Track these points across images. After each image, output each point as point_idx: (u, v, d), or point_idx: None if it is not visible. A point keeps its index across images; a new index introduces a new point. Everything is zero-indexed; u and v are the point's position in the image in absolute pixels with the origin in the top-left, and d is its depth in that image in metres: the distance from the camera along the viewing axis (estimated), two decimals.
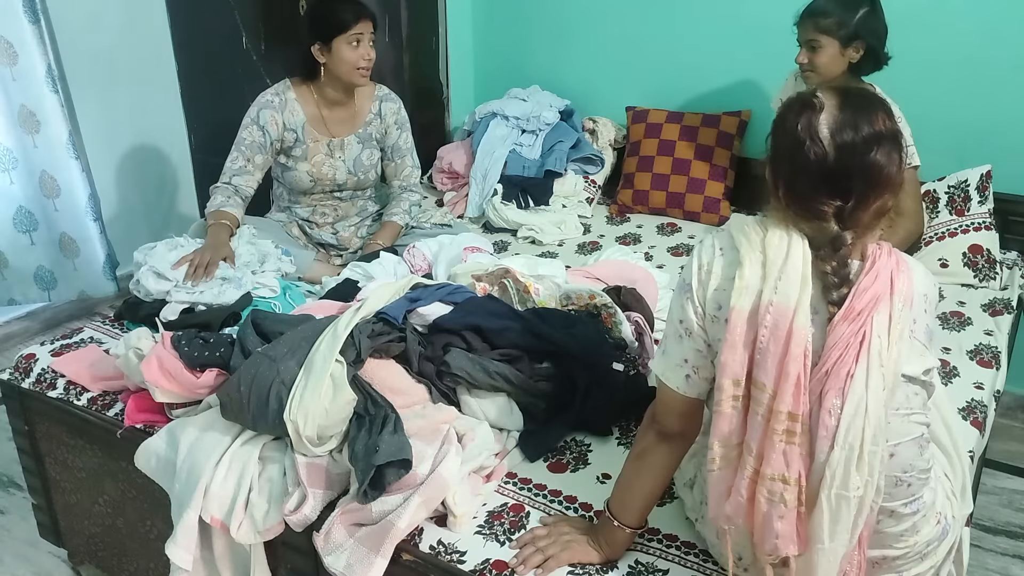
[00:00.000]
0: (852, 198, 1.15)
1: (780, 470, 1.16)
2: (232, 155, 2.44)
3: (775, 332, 1.15)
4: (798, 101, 1.19)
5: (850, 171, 1.14)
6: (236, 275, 2.11)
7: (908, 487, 1.26)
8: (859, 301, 1.15)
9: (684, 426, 1.34)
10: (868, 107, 1.17)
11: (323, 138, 2.48)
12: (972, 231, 2.47)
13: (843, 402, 1.14)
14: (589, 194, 3.07)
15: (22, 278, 3.17)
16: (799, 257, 1.17)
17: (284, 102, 2.44)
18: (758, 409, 1.18)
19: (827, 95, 1.17)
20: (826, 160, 1.14)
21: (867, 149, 1.14)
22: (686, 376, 1.29)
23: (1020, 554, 2.28)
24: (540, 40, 3.37)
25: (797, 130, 1.16)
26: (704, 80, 3.08)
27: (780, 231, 1.20)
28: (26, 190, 3.06)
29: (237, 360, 1.66)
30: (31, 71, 2.87)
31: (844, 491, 1.15)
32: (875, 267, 1.17)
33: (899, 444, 1.22)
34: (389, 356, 1.71)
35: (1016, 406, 2.81)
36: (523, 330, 1.75)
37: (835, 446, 1.14)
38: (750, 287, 1.18)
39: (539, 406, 1.71)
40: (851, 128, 1.14)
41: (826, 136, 1.14)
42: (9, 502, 2.46)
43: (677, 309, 1.29)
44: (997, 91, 2.61)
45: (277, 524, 1.51)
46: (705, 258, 1.26)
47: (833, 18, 2.26)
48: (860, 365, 1.14)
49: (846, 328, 1.14)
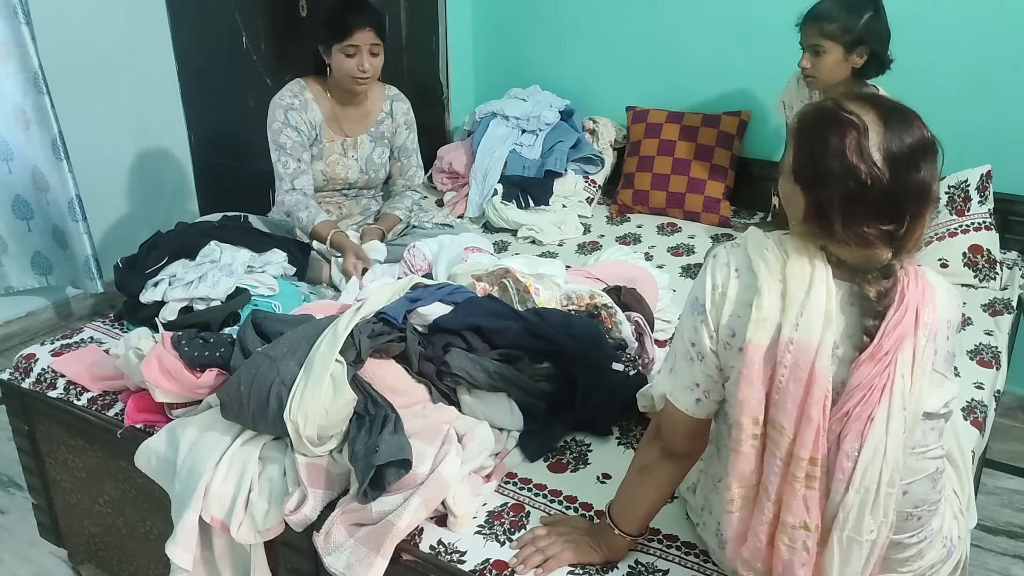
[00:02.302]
0: (906, 220, 1.08)
1: (802, 517, 1.12)
2: (282, 160, 2.42)
3: (795, 372, 1.09)
4: (835, 121, 1.09)
5: (904, 192, 1.07)
6: (226, 261, 2.11)
7: (918, 520, 1.23)
8: (887, 340, 1.09)
9: (691, 446, 1.30)
10: (908, 118, 1.10)
11: (338, 138, 2.49)
12: (972, 231, 2.47)
13: (862, 444, 1.09)
14: (589, 194, 3.07)
15: (20, 263, 3.24)
16: (823, 291, 1.11)
17: (304, 102, 2.44)
18: (776, 451, 1.13)
19: (862, 110, 1.09)
20: (881, 181, 1.06)
21: (917, 166, 1.07)
22: (696, 400, 1.24)
23: (1020, 554, 2.28)
24: (540, 40, 3.37)
25: (846, 153, 1.06)
26: (704, 80, 3.08)
27: (803, 259, 1.13)
28: (22, 180, 3.10)
29: (237, 360, 1.66)
30: (20, 72, 2.89)
31: (857, 535, 1.11)
32: (904, 301, 1.10)
33: (913, 482, 1.19)
34: (389, 356, 1.71)
35: (1016, 406, 2.81)
36: (523, 330, 1.75)
37: (850, 489, 1.10)
38: (768, 319, 1.11)
39: (539, 406, 1.71)
40: (901, 146, 1.07)
41: (879, 159, 1.06)
42: (9, 502, 2.46)
43: (689, 330, 1.23)
44: (997, 91, 2.61)
45: (277, 524, 1.51)
46: (719, 278, 1.19)
47: (837, 23, 2.24)
48: (882, 407, 1.09)
49: (871, 368, 1.09)
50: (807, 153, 1.12)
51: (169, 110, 3.56)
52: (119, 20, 3.31)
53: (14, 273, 3.24)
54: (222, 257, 2.14)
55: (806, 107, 1.16)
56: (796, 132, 1.15)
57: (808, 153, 1.11)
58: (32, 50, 2.86)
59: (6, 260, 3.21)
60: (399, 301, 1.80)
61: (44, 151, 3.01)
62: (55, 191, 3.07)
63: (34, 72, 2.88)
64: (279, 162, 2.43)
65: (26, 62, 2.88)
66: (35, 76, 2.89)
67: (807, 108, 1.16)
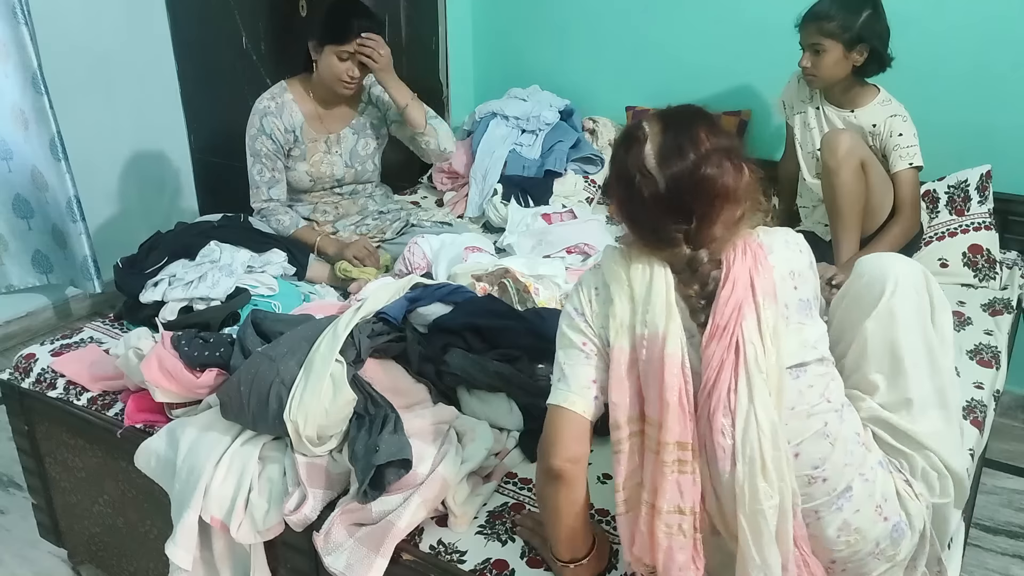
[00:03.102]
0: (695, 218, 1.16)
1: (675, 501, 1.15)
2: (256, 167, 2.42)
3: (651, 364, 1.16)
4: (625, 135, 1.21)
5: (684, 194, 1.15)
6: (226, 261, 2.11)
7: (824, 482, 1.22)
8: (721, 316, 1.14)
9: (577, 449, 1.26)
10: (689, 126, 1.16)
11: (320, 136, 2.48)
12: (972, 231, 2.47)
13: (732, 419, 1.13)
14: (589, 194, 3.07)
15: (21, 261, 3.25)
16: (662, 285, 1.17)
17: (281, 105, 2.43)
18: (650, 444, 1.17)
19: (650, 123, 1.18)
20: (659, 190, 1.15)
21: (695, 169, 1.14)
22: (594, 397, 1.25)
23: (1020, 554, 2.28)
24: (540, 40, 3.37)
25: (627, 165, 1.17)
26: (704, 80, 3.08)
27: (642, 262, 1.20)
28: (22, 179, 3.11)
29: (237, 360, 1.66)
30: (20, 71, 2.90)
31: (757, 505, 1.13)
32: (731, 276, 1.15)
33: (801, 443, 1.20)
34: (389, 356, 1.71)
35: (1016, 406, 2.81)
36: (523, 330, 1.75)
37: (736, 463, 1.13)
38: (624, 323, 1.19)
39: (539, 406, 1.70)
40: (676, 153, 1.14)
41: (653, 166, 1.15)
42: (9, 502, 2.46)
43: (575, 333, 1.26)
44: (997, 91, 2.61)
45: (277, 524, 1.51)
46: (584, 299, 1.26)
47: (836, 21, 2.23)
48: (741, 378, 1.13)
49: (716, 346, 1.14)
50: (610, 167, 1.23)
51: (169, 110, 3.57)
52: (119, 20, 3.31)
53: (15, 271, 3.25)
54: (222, 257, 2.14)
55: None
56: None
57: (609, 167, 1.23)
58: (31, 50, 2.86)
59: (7, 258, 3.22)
60: (399, 301, 1.80)
61: (43, 151, 3.01)
62: (54, 191, 3.08)
63: (33, 72, 2.89)
64: (254, 169, 2.43)
65: (25, 62, 2.88)
66: (34, 76, 2.89)
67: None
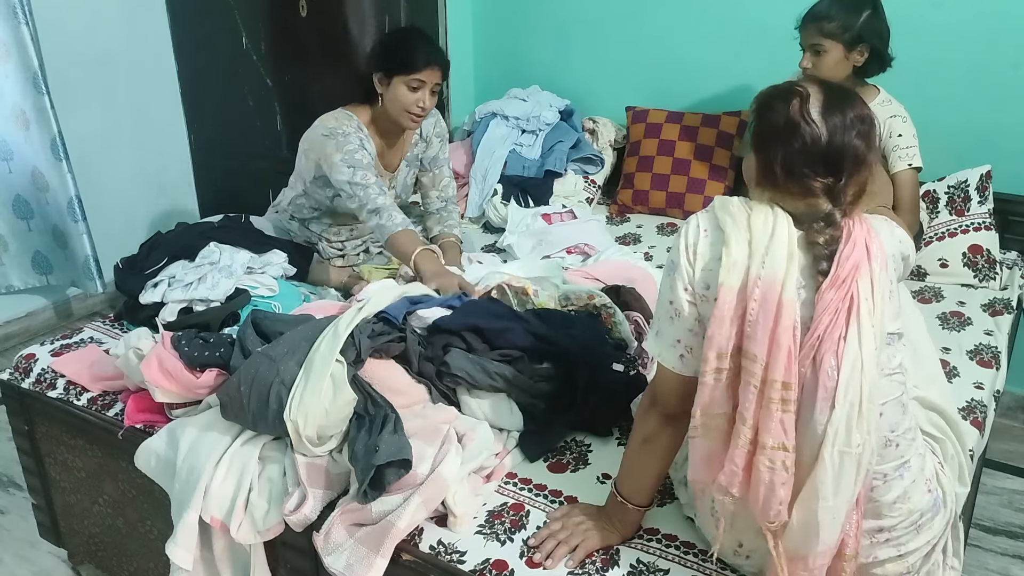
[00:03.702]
0: (843, 175, 1.23)
1: (780, 439, 1.20)
2: (359, 174, 2.23)
3: (764, 305, 1.20)
4: (782, 90, 1.27)
5: (841, 149, 1.22)
6: (226, 263, 2.11)
7: (896, 447, 1.30)
8: (842, 269, 1.20)
9: (685, 405, 1.34)
10: (848, 94, 1.27)
11: (386, 173, 2.42)
12: (972, 231, 2.47)
13: (839, 363, 1.18)
14: (589, 194, 3.07)
15: (21, 262, 3.25)
16: (784, 233, 1.23)
17: (367, 136, 2.32)
18: (751, 380, 1.21)
19: (808, 85, 1.26)
20: (819, 139, 1.22)
21: (853, 129, 1.23)
22: (680, 356, 1.32)
23: (1020, 554, 2.28)
24: (540, 40, 3.37)
25: (790, 113, 1.23)
26: (704, 80, 3.08)
27: (765, 210, 1.25)
28: (22, 180, 3.11)
29: (237, 360, 1.66)
30: (20, 71, 2.90)
31: (847, 448, 1.19)
32: (852, 237, 1.23)
33: (885, 403, 1.27)
34: (389, 356, 1.71)
35: (1016, 406, 2.81)
36: (523, 331, 1.75)
37: (836, 405, 1.18)
38: (738, 264, 1.22)
39: (539, 406, 1.71)
40: (839, 111, 1.23)
41: (818, 118, 1.22)
42: (9, 502, 2.46)
43: (667, 290, 1.32)
44: (997, 91, 2.61)
45: (277, 524, 1.51)
46: (691, 238, 1.30)
47: (837, 22, 2.24)
48: (851, 327, 1.19)
49: (833, 294, 1.20)
50: (760, 121, 1.28)
51: (169, 110, 3.57)
52: (119, 20, 3.31)
53: (15, 272, 3.25)
54: (221, 258, 2.14)
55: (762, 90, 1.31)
56: (754, 111, 1.30)
57: (761, 121, 1.28)
58: (32, 50, 2.86)
59: (7, 259, 3.22)
60: (400, 302, 1.80)
61: (44, 151, 3.01)
62: (55, 191, 3.08)
63: (34, 72, 2.89)
64: (357, 175, 2.22)
65: (26, 62, 2.88)
66: (35, 76, 2.89)
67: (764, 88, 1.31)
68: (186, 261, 2.14)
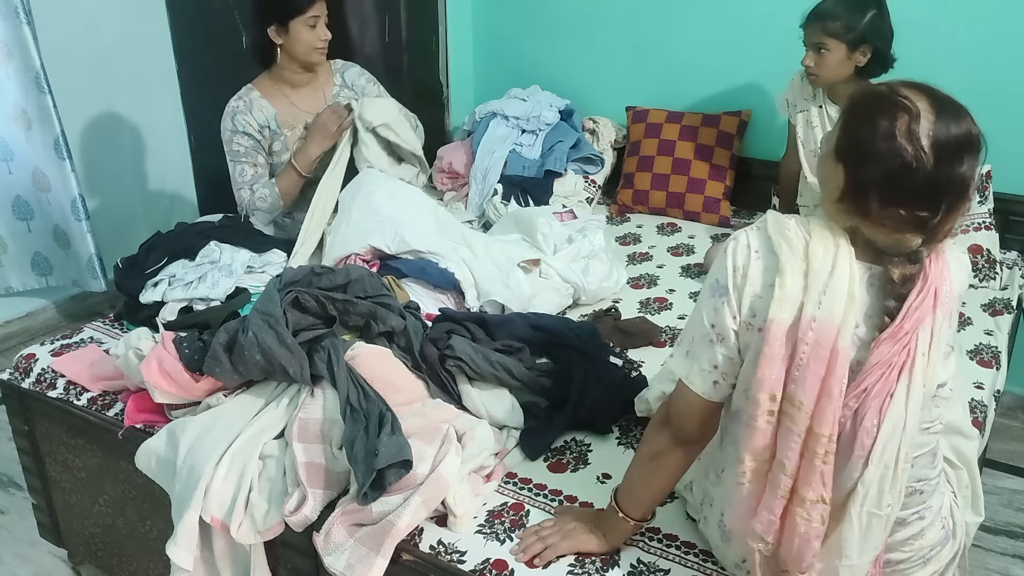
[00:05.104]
0: (941, 210, 1.09)
1: (820, 492, 1.13)
2: (237, 169, 2.43)
3: (817, 350, 1.10)
4: (888, 103, 1.10)
5: (944, 181, 1.08)
6: (226, 262, 2.11)
7: (920, 495, 1.25)
8: (908, 321, 1.10)
9: (704, 431, 1.30)
10: (963, 113, 1.11)
11: (298, 123, 2.49)
12: (972, 231, 2.47)
13: (880, 421, 1.11)
14: (589, 194, 3.07)
15: (20, 264, 3.24)
16: (846, 271, 1.11)
17: (249, 103, 2.44)
18: (792, 427, 1.13)
19: (916, 97, 1.10)
20: (926, 169, 1.07)
21: (960, 158, 1.08)
22: (714, 383, 1.23)
23: (1020, 554, 2.28)
24: (540, 40, 3.37)
25: (895, 136, 1.07)
26: (704, 80, 3.08)
27: (826, 239, 1.14)
28: (22, 181, 3.11)
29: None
30: (21, 71, 2.90)
31: (876, 510, 1.13)
32: (928, 282, 1.11)
33: (917, 457, 1.21)
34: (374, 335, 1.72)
35: (1016, 406, 2.81)
36: (524, 323, 1.79)
37: (870, 464, 1.12)
38: (791, 298, 1.12)
39: (540, 404, 1.71)
40: (949, 136, 1.08)
41: (927, 144, 1.07)
42: (9, 502, 2.46)
43: (710, 312, 1.21)
44: (997, 92, 2.61)
45: (277, 524, 1.51)
46: (740, 260, 1.18)
47: (841, 21, 2.25)
48: (901, 384, 1.10)
49: (891, 347, 1.10)
50: (855, 131, 1.12)
51: (169, 110, 3.56)
52: (119, 20, 3.31)
53: (14, 274, 3.24)
54: (222, 257, 2.14)
55: (860, 88, 1.17)
56: (847, 111, 1.15)
57: (856, 131, 1.12)
58: (33, 50, 2.86)
59: (6, 261, 3.21)
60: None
61: (46, 151, 3.00)
62: (57, 191, 3.07)
63: (36, 72, 2.88)
64: (235, 170, 2.44)
65: (27, 62, 2.87)
66: (36, 76, 2.89)
67: (861, 89, 1.17)
68: (186, 260, 2.15)
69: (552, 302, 2.17)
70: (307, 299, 1.67)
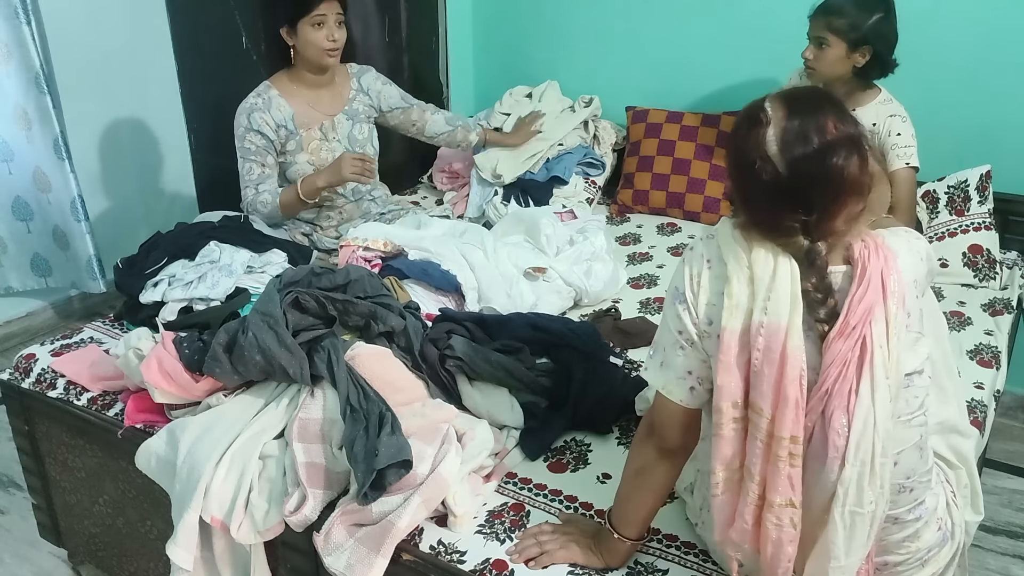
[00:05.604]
0: (815, 210, 1.10)
1: (787, 495, 1.14)
2: (245, 167, 2.43)
3: (768, 354, 1.12)
4: (746, 115, 1.14)
5: (807, 184, 1.09)
6: (226, 262, 2.11)
7: (911, 492, 1.25)
8: (853, 315, 1.11)
9: (686, 438, 1.30)
10: (817, 112, 1.10)
11: (315, 124, 2.49)
12: (972, 231, 2.47)
13: (850, 419, 1.11)
14: (589, 194, 3.07)
15: (20, 264, 3.24)
16: (787, 274, 1.13)
17: (268, 100, 2.43)
18: (756, 434, 1.14)
19: (774, 105, 1.12)
20: (779, 177, 1.09)
21: (821, 159, 1.08)
22: (691, 388, 1.25)
23: (1020, 554, 2.28)
24: (540, 40, 3.37)
25: (747, 148, 1.11)
26: (704, 80, 3.08)
27: (765, 246, 1.15)
28: (22, 181, 3.10)
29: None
30: (23, 71, 2.89)
31: (858, 508, 1.13)
32: (867, 275, 1.12)
33: (902, 452, 1.20)
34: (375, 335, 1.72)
35: (1016, 406, 2.81)
36: (523, 323, 1.80)
37: (846, 464, 1.12)
38: (739, 305, 1.14)
39: (540, 404, 1.71)
40: (801, 141, 1.08)
41: (775, 152, 1.09)
42: (9, 502, 2.46)
43: (674, 319, 1.24)
44: (997, 91, 2.61)
45: (277, 524, 1.51)
46: (695, 268, 1.21)
47: (846, 19, 2.25)
48: (864, 380, 1.11)
49: (842, 344, 1.11)
50: (726, 146, 1.19)
51: (169, 110, 3.56)
52: (119, 20, 3.31)
53: (14, 275, 3.24)
54: (221, 257, 2.14)
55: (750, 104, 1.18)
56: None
57: (727, 146, 1.19)
58: (33, 50, 2.85)
59: (6, 261, 3.21)
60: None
61: (46, 151, 3.00)
62: (57, 191, 3.07)
63: (36, 72, 2.88)
64: (243, 168, 2.43)
65: (27, 62, 2.87)
66: (36, 76, 2.89)
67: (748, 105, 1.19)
68: (186, 260, 2.15)
69: (554, 305, 2.17)
70: (307, 299, 1.67)
